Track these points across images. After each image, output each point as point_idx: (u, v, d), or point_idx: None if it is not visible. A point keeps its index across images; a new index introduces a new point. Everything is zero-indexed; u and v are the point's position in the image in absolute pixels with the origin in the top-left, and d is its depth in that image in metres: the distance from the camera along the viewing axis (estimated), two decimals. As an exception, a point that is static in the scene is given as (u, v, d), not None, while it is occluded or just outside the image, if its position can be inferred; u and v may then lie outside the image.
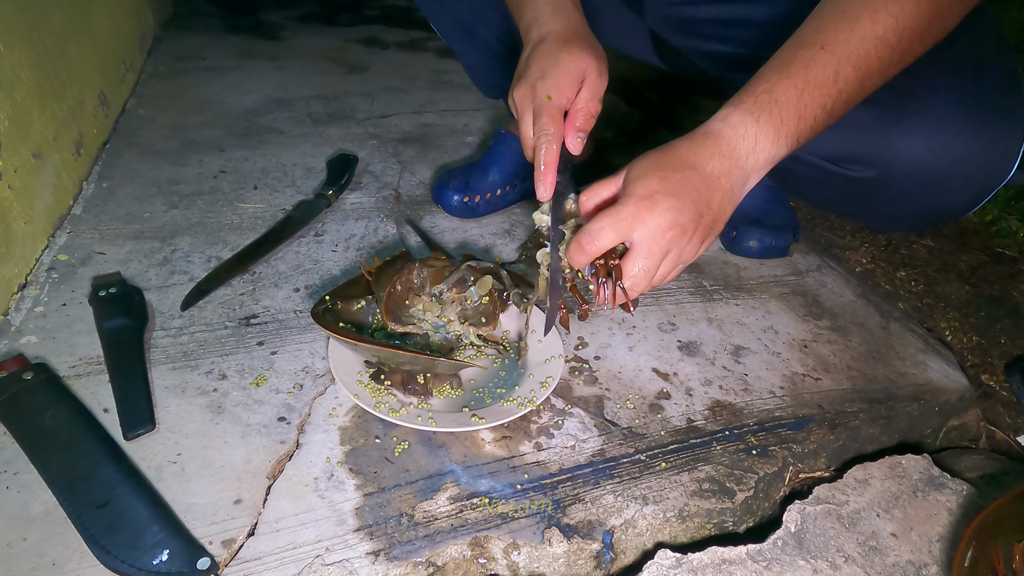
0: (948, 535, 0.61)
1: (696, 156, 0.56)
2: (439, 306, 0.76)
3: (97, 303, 0.78)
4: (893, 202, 0.76)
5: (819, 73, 0.55)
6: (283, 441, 0.65)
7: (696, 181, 0.55)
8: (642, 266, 0.56)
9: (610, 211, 0.55)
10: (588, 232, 0.55)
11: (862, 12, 0.55)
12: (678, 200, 0.54)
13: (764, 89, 0.56)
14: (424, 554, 0.56)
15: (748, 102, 0.56)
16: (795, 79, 0.55)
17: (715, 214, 0.57)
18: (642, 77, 1.85)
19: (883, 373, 0.80)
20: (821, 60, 0.55)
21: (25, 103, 0.90)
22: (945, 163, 0.68)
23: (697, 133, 0.58)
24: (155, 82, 1.58)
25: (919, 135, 0.68)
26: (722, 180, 0.56)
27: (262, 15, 2.21)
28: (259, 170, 1.17)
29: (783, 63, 0.56)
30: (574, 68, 0.65)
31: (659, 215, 0.54)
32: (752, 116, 0.56)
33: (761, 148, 0.56)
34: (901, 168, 0.70)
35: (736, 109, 0.57)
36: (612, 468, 0.65)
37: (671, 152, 0.57)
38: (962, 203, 0.74)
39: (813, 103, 0.55)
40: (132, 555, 0.53)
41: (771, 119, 0.55)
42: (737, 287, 0.95)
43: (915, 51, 0.57)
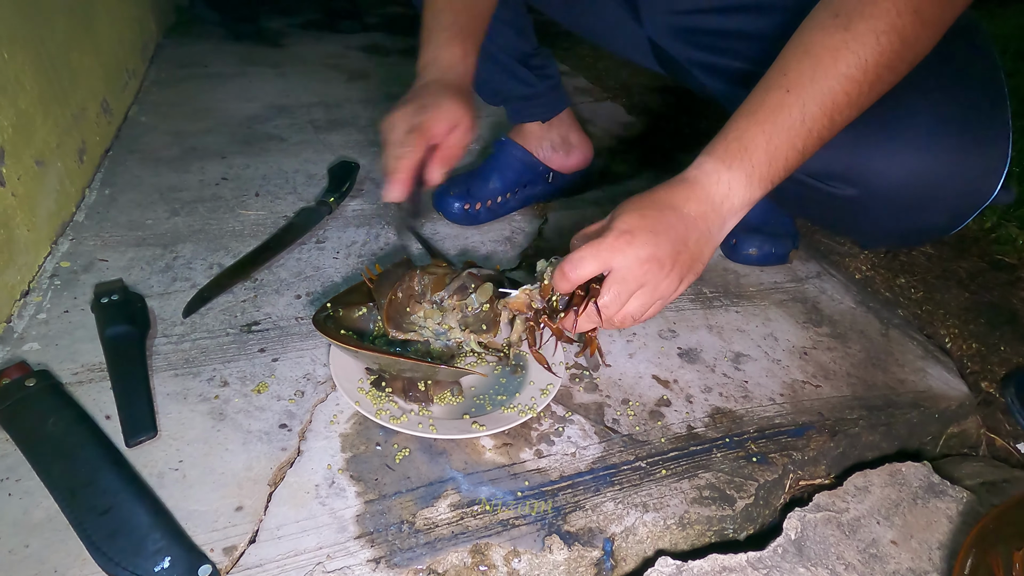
0: (948, 542, 0.61)
1: (675, 199, 0.59)
2: (440, 313, 0.76)
3: (99, 310, 0.79)
4: (875, 220, 0.76)
5: (786, 117, 0.57)
6: (284, 448, 0.65)
7: (674, 220, 0.58)
8: (616, 291, 0.58)
9: (592, 242, 0.58)
10: (571, 260, 0.58)
11: (823, 52, 0.56)
12: (655, 236, 0.57)
13: (734, 136, 0.58)
14: (425, 561, 0.56)
15: (720, 150, 0.59)
16: (763, 124, 0.57)
17: (692, 253, 0.59)
18: (643, 84, 1.85)
19: (883, 380, 0.80)
20: (787, 103, 0.57)
21: (28, 110, 0.90)
22: (926, 183, 0.69)
23: (675, 180, 0.61)
24: (157, 89, 1.59)
25: (900, 156, 0.68)
26: (699, 222, 0.59)
27: (264, 22, 2.22)
28: (261, 177, 1.18)
29: (751, 108, 0.59)
30: (452, 113, 0.72)
31: (638, 247, 0.57)
32: (724, 164, 0.58)
33: (735, 193, 0.59)
34: (882, 188, 0.71)
35: (709, 157, 0.59)
36: (613, 475, 0.65)
37: (652, 195, 0.60)
38: (944, 222, 0.74)
39: (783, 145, 0.57)
40: (134, 562, 0.53)
41: (743, 165, 0.58)
42: (737, 294, 0.95)
43: (887, 81, 0.58)
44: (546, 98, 1.07)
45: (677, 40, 0.89)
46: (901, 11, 0.54)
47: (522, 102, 1.07)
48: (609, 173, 1.29)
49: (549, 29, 1.07)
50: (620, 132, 1.53)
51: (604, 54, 2.06)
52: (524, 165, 1.09)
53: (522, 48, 1.03)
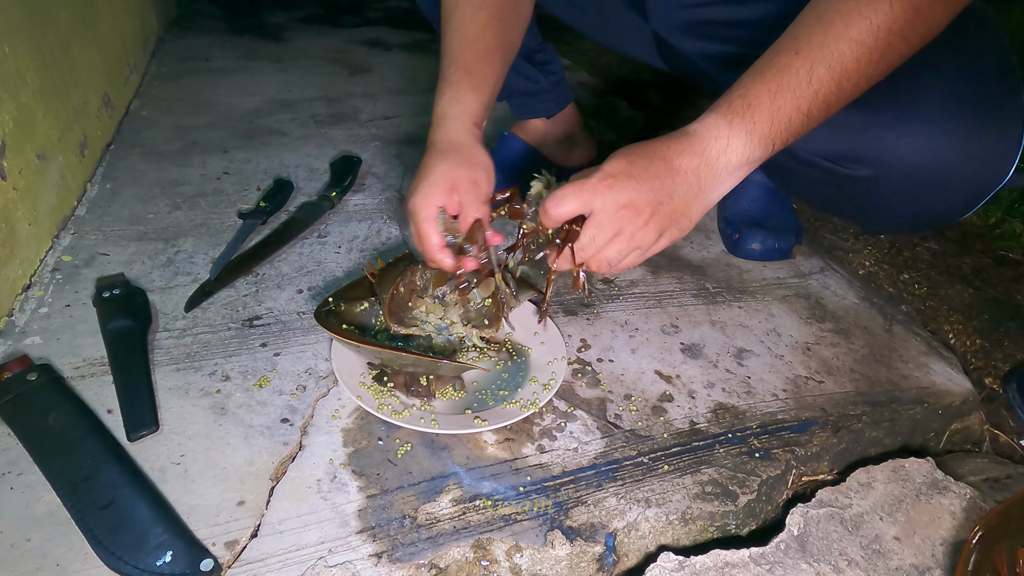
0: (951, 539, 0.61)
1: (668, 151, 0.59)
2: (442, 308, 0.76)
3: (101, 304, 0.79)
4: (889, 202, 0.76)
5: (792, 77, 0.57)
6: (286, 443, 0.65)
7: (661, 170, 0.58)
8: (592, 235, 0.59)
9: (576, 182, 0.59)
10: (553, 197, 0.59)
11: (835, 16, 0.56)
12: (638, 183, 0.57)
13: (739, 94, 0.58)
14: (427, 556, 0.56)
15: (723, 106, 0.59)
16: (768, 83, 0.57)
17: (676, 207, 0.59)
18: (644, 80, 1.85)
19: (886, 376, 0.80)
20: (795, 64, 0.57)
21: (30, 104, 0.90)
22: (942, 164, 0.69)
23: (676, 132, 0.60)
24: (159, 83, 1.59)
25: (916, 135, 0.68)
26: (689, 175, 0.59)
27: (265, 17, 2.22)
28: (262, 171, 1.18)
29: (759, 69, 0.59)
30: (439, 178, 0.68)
31: (617, 192, 0.57)
32: (725, 119, 0.58)
33: (733, 149, 0.58)
34: (897, 168, 0.70)
35: (712, 113, 0.59)
36: (615, 471, 0.65)
37: (647, 144, 0.60)
38: (959, 204, 0.74)
39: (787, 106, 0.57)
40: (135, 556, 0.53)
41: (743, 122, 0.58)
42: (740, 289, 0.95)
43: (899, 50, 0.57)
44: (550, 94, 1.07)
45: (686, 34, 0.88)
46: None
47: (526, 98, 1.06)
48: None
49: (552, 23, 1.07)
50: (623, 127, 1.52)
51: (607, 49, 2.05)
52: (526, 159, 1.08)
53: (526, 43, 1.02)
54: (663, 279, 0.95)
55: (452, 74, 0.74)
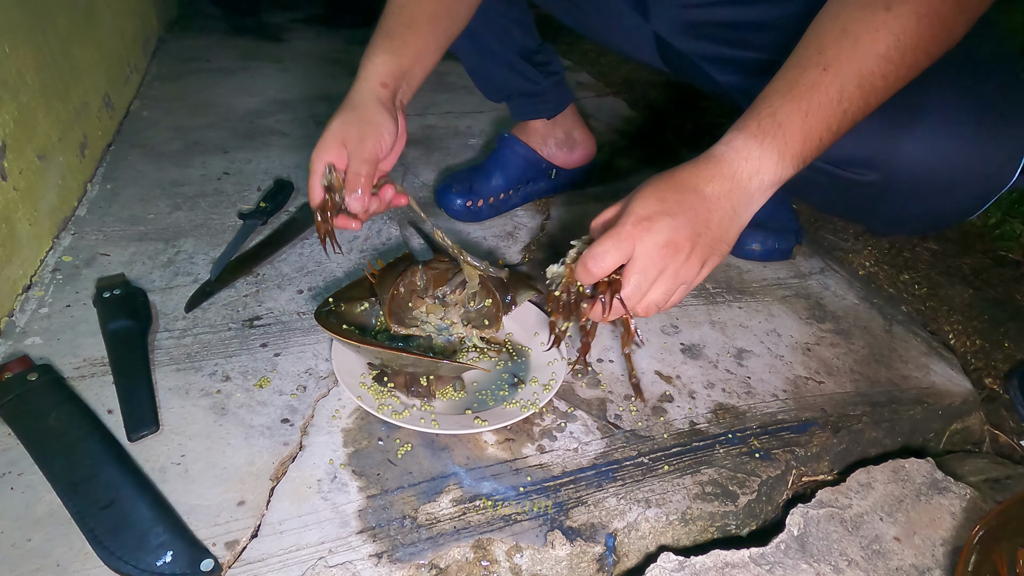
0: (951, 539, 0.61)
1: (697, 179, 0.57)
2: (442, 308, 0.76)
3: (101, 304, 0.79)
4: (896, 205, 0.76)
5: (823, 95, 0.55)
6: (286, 443, 0.65)
7: (694, 202, 0.56)
8: (636, 281, 0.57)
9: (611, 232, 0.57)
10: (593, 255, 0.57)
11: (862, 31, 0.55)
12: (674, 219, 0.55)
13: (768, 112, 0.56)
14: (427, 556, 0.56)
15: (752, 126, 0.57)
16: (799, 102, 0.56)
17: (715, 234, 0.57)
18: (645, 80, 1.85)
19: (886, 376, 0.80)
20: (824, 82, 0.55)
21: (30, 105, 0.90)
22: (949, 167, 0.69)
23: (701, 157, 0.58)
24: (159, 84, 1.59)
25: (923, 140, 0.68)
26: (722, 201, 0.57)
27: (265, 17, 2.21)
28: (263, 172, 1.18)
29: (787, 85, 0.57)
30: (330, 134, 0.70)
31: (656, 233, 0.55)
32: (756, 140, 0.56)
33: (765, 170, 0.57)
34: (904, 172, 0.70)
35: (740, 133, 0.57)
36: (615, 471, 0.65)
37: (673, 176, 0.58)
38: (965, 207, 0.74)
39: (818, 125, 0.56)
40: (136, 556, 0.53)
41: (775, 142, 0.56)
42: (740, 290, 0.95)
43: (921, 64, 0.57)
44: (550, 95, 1.06)
45: (686, 35, 0.88)
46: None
47: (526, 99, 1.06)
48: (612, 169, 1.28)
49: (552, 24, 1.07)
50: (623, 127, 1.52)
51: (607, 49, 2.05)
52: (527, 162, 1.08)
53: (526, 44, 1.02)
54: (663, 279, 0.95)
55: (373, 39, 0.76)
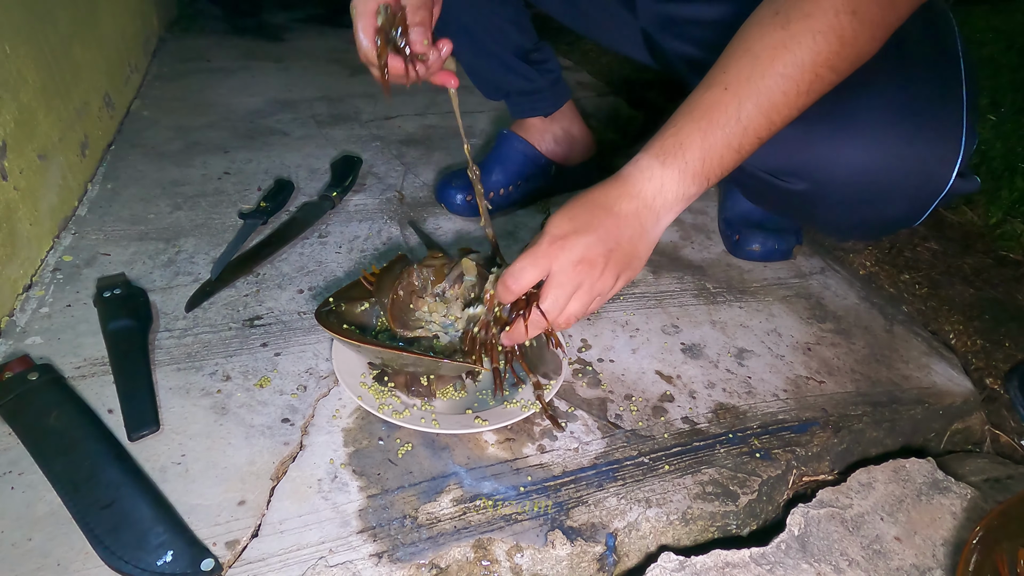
0: (952, 539, 0.61)
1: (607, 198, 0.60)
2: (444, 305, 0.76)
3: (102, 304, 0.79)
4: (830, 213, 0.77)
5: (722, 114, 0.57)
6: (287, 443, 0.65)
7: (606, 220, 0.59)
8: (554, 295, 0.60)
9: (528, 252, 0.60)
10: (511, 273, 0.60)
11: (762, 50, 0.56)
12: (587, 237, 0.58)
13: (671, 133, 0.59)
14: (427, 556, 0.56)
15: (656, 147, 0.59)
16: (699, 122, 0.58)
17: (626, 250, 0.60)
18: (645, 79, 1.85)
19: (887, 376, 0.80)
20: (724, 101, 0.57)
21: (31, 104, 0.90)
22: (877, 176, 0.69)
23: (611, 178, 0.61)
24: (160, 84, 1.59)
25: (849, 149, 0.68)
26: (631, 219, 0.60)
27: (266, 17, 2.22)
28: (263, 171, 1.18)
29: (690, 105, 0.59)
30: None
31: (570, 251, 0.58)
32: (658, 160, 0.59)
33: (668, 189, 0.59)
34: (833, 181, 0.71)
35: (645, 154, 0.60)
36: (615, 471, 0.65)
37: (587, 196, 0.61)
38: (902, 213, 0.74)
39: (718, 143, 0.58)
40: (136, 556, 0.53)
41: (676, 162, 0.58)
42: (740, 290, 0.94)
43: (827, 79, 0.57)
44: (547, 92, 1.06)
45: (665, 30, 0.88)
46: (839, 10, 0.54)
47: (523, 97, 1.06)
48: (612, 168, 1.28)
49: (551, 24, 1.07)
50: (623, 126, 1.52)
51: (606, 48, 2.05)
52: (526, 158, 1.08)
53: (522, 43, 1.02)
54: (664, 279, 0.95)
55: None
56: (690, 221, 1.12)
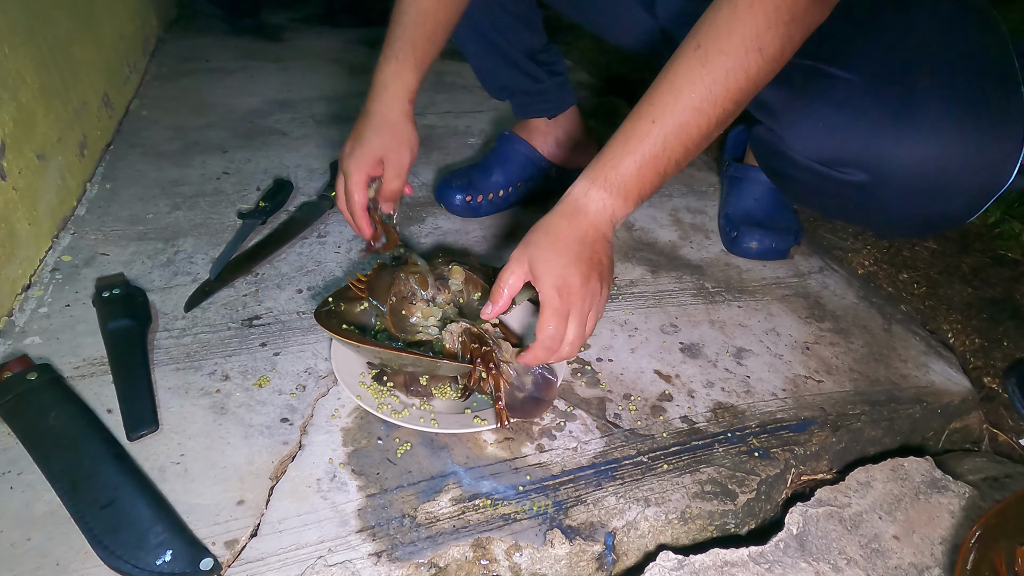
0: (950, 538, 0.61)
1: (560, 223, 0.64)
2: (438, 309, 0.76)
3: (101, 304, 0.79)
4: (888, 207, 0.76)
5: (651, 147, 0.62)
6: (286, 442, 0.65)
7: (562, 244, 0.63)
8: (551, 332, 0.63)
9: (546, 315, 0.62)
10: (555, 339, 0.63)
11: (683, 84, 0.60)
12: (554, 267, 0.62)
13: (612, 165, 0.63)
14: (426, 555, 0.56)
15: (600, 178, 0.63)
16: (634, 154, 0.62)
17: (591, 259, 0.64)
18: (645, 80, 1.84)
19: (885, 375, 0.80)
20: (652, 134, 0.61)
21: (29, 104, 0.90)
22: (940, 169, 0.68)
23: (567, 208, 0.65)
24: (158, 84, 1.59)
25: (913, 141, 0.68)
26: (588, 230, 0.64)
27: (265, 17, 2.22)
28: (262, 171, 1.18)
29: (625, 136, 0.63)
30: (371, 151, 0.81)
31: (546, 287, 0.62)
32: (606, 191, 0.63)
33: (616, 211, 0.64)
34: (895, 173, 0.70)
35: (592, 184, 0.64)
36: (614, 470, 0.65)
37: (556, 235, 0.64)
38: (960, 209, 0.74)
39: (649, 172, 0.63)
40: (135, 555, 0.53)
41: (619, 191, 0.63)
42: (739, 289, 0.95)
43: (731, 112, 0.62)
44: (553, 94, 1.06)
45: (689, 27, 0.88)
46: (748, 48, 0.58)
47: (529, 97, 1.06)
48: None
49: (551, 24, 1.07)
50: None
51: (607, 48, 2.05)
52: (527, 160, 1.08)
53: (532, 43, 1.02)
54: (662, 279, 0.95)
55: (400, 48, 0.80)
56: (689, 221, 1.12)
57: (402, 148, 0.82)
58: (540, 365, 0.70)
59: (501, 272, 0.66)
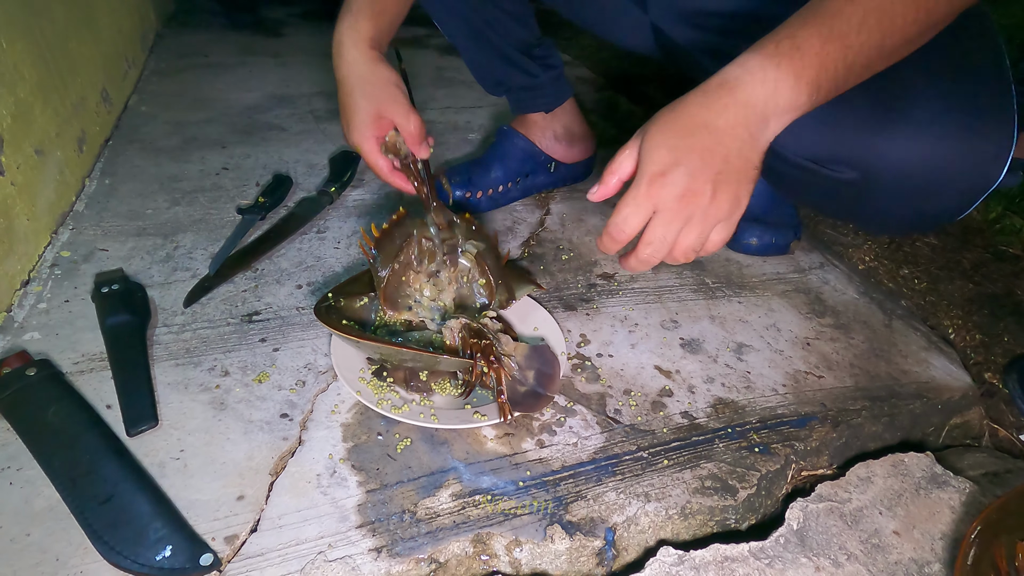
0: (951, 533, 0.61)
1: (709, 112, 0.55)
2: (436, 288, 0.76)
3: (100, 299, 0.78)
4: (878, 205, 0.76)
5: (843, 23, 0.53)
6: (285, 438, 0.65)
7: (707, 142, 0.55)
8: (660, 235, 0.56)
9: (627, 197, 0.56)
10: (615, 223, 0.57)
11: None
12: (688, 167, 0.54)
13: (787, 35, 0.54)
14: (426, 551, 0.56)
15: (770, 48, 0.54)
16: (819, 27, 0.54)
17: (735, 165, 0.55)
18: (644, 75, 1.84)
19: (886, 371, 0.80)
20: (847, 11, 0.53)
21: (28, 99, 0.90)
22: (931, 167, 0.68)
23: (712, 83, 0.56)
24: (157, 79, 1.58)
25: (904, 139, 0.68)
26: (738, 130, 0.55)
27: (264, 12, 2.21)
28: (261, 167, 1.17)
29: (809, 11, 0.55)
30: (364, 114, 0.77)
31: (671, 187, 0.54)
32: (773, 62, 0.54)
33: (781, 94, 0.54)
34: (885, 171, 0.70)
35: (756, 55, 0.55)
36: (614, 465, 0.65)
37: (680, 114, 0.57)
38: (950, 207, 0.73)
39: (835, 53, 0.54)
40: (135, 551, 0.53)
41: (792, 65, 0.54)
42: (739, 284, 0.94)
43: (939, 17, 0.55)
44: (549, 88, 1.06)
45: (683, 24, 0.87)
46: None
47: (525, 92, 1.06)
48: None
49: (550, 19, 1.07)
50: (621, 121, 1.52)
51: (607, 44, 2.04)
52: (526, 154, 1.08)
53: (524, 38, 1.02)
54: (662, 274, 0.95)
55: (355, 2, 0.79)
56: (689, 216, 1.11)
57: (388, 89, 0.77)
58: (541, 360, 0.70)
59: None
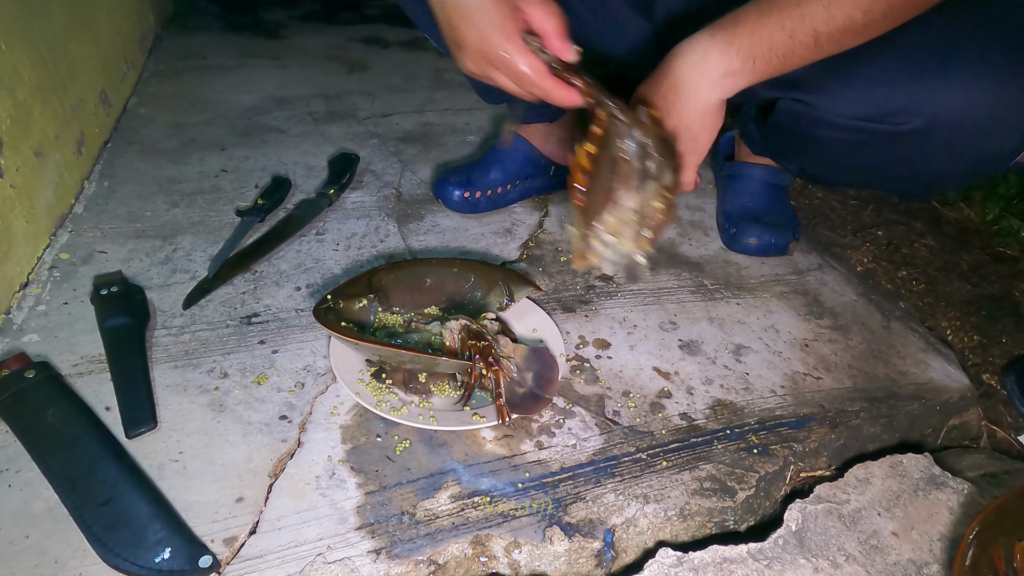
0: (949, 534, 0.61)
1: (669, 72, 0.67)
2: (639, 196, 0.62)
3: (99, 302, 0.78)
4: (938, 153, 0.76)
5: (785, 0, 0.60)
6: (284, 439, 0.65)
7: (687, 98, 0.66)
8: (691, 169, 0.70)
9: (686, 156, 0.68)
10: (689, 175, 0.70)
11: None
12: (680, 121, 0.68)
13: (733, 13, 0.63)
14: (425, 552, 0.56)
15: (714, 24, 0.64)
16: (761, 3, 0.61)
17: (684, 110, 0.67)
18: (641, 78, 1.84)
19: (884, 372, 0.80)
20: None
21: (26, 102, 0.90)
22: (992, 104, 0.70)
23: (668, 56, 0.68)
24: (156, 81, 1.58)
25: (965, 77, 0.69)
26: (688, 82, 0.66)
27: (263, 14, 2.21)
28: (260, 169, 1.17)
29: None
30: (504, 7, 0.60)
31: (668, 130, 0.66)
32: (708, 32, 0.63)
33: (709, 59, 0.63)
34: (951, 113, 0.71)
35: (703, 30, 0.64)
36: (613, 467, 0.65)
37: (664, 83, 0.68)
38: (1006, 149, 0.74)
39: (771, 23, 0.61)
40: (134, 553, 0.53)
41: (724, 34, 0.62)
42: (738, 286, 0.95)
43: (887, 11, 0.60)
44: None
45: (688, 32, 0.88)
46: None
47: (527, 104, 1.06)
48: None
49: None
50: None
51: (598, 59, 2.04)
52: (526, 158, 1.08)
53: None
54: (661, 276, 0.95)
55: None
56: (688, 218, 1.12)
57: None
58: (539, 362, 0.70)
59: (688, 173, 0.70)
